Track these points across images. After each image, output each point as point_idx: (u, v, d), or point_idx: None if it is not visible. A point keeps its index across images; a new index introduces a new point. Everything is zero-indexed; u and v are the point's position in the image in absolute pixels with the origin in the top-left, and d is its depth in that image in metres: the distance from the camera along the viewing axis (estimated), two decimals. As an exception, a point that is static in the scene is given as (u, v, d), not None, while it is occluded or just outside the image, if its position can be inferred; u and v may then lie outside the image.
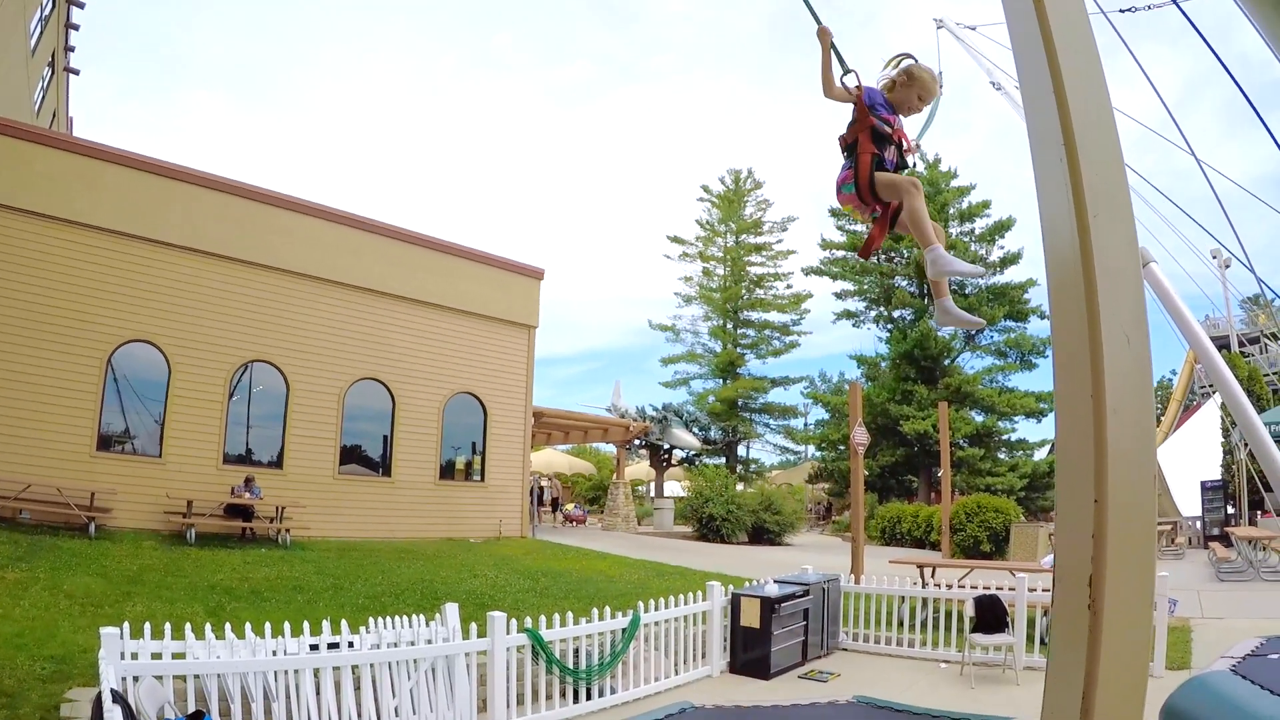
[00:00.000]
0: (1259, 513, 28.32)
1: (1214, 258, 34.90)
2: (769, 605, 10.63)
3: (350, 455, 20.43)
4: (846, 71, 4.63)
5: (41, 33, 22.35)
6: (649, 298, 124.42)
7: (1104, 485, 1.39)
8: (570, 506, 37.05)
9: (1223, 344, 39.64)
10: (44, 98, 25.35)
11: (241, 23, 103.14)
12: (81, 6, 25.05)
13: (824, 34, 4.59)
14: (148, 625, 6.83)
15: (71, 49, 27.10)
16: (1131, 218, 1.48)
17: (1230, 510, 29.33)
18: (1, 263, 15.71)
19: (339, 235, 20.28)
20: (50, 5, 22.55)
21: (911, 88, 4.71)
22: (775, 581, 11.79)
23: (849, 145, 4.70)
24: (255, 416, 19.02)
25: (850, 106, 4.73)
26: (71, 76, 29.28)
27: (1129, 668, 1.41)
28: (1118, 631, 1.39)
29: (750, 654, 10.72)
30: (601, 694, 9.12)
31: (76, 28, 25.90)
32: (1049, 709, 1.52)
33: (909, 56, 4.82)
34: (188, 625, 7.08)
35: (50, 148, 16.85)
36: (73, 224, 16.41)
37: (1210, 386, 34.05)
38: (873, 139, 4.59)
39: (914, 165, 4.98)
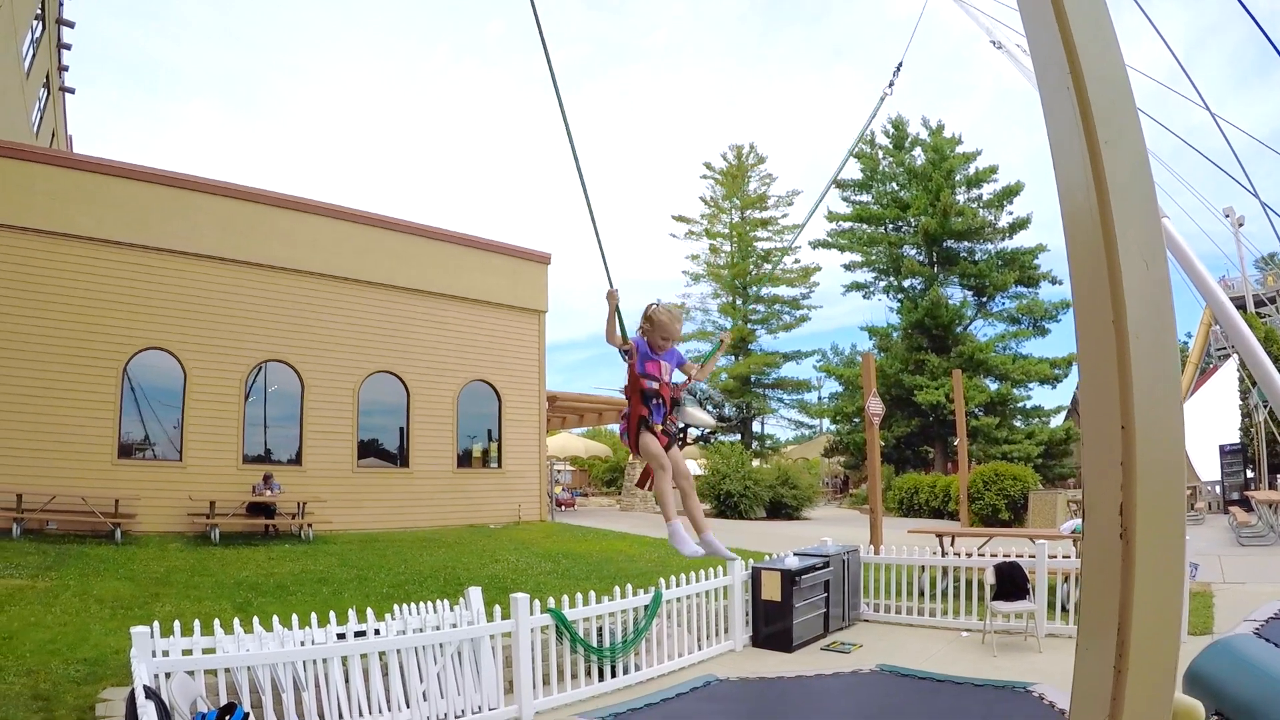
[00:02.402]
0: (1279, 476, 28.13)
1: (1227, 216, 34.64)
2: (789, 578, 10.67)
3: (368, 449, 20.53)
4: (625, 345, 5.30)
5: (34, 54, 22.38)
6: (656, 279, 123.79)
7: (1130, 411, 1.39)
8: (558, 489, 36.75)
9: (1238, 304, 39.23)
10: (42, 118, 25.43)
11: (227, 33, 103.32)
12: (71, 26, 25.08)
13: (611, 297, 5.21)
14: (177, 623, 6.90)
15: (65, 68, 27.15)
16: (1142, 141, 1.46)
17: (1249, 474, 29.13)
18: (14, 282, 15.83)
19: (344, 232, 20.30)
20: (41, 27, 22.58)
21: (654, 331, 5.34)
22: (795, 554, 11.80)
23: (627, 396, 5.45)
24: (272, 416, 19.12)
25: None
26: (67, 95, 29.36)
27: (1164, 596, 1.40)
28: (1152, 558, 1.39)
29: (772, 627, 10.76)
30: (626, 671, 9.18)
31: (69, 47, 25.93)
32: (1084, 644, 1.52)
33: (654, 303, 5.43)
34: (216, 621, 7.15)
35: (52, 166, 16.95)
36: (80, 239, 16.51)
37: (1227, 348, 33.83)
38: (642, 399, 5.31)
39: (679, 424, 5.76)
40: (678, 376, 5.61)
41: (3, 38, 17.94)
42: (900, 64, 7.59)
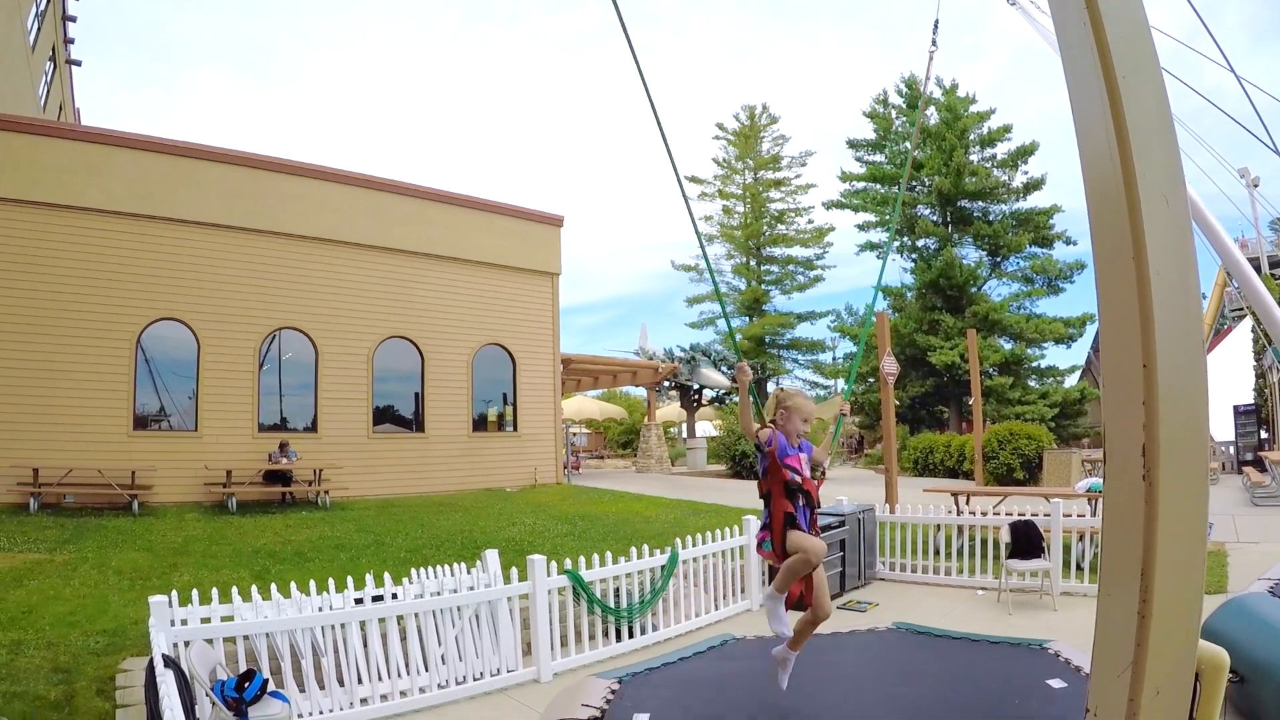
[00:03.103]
0: (1293, 436, 28.05)
1: (1243, 176, 34.29)
2: (806, 538, 10.66)
3: (383, 415, 20.58)
4: (764, 427, 4.89)
5: (40, 27, 22.26)
6: (670, 240, 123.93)
7: (1151, 349, 1.36)
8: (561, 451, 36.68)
9: (1254, 265, 38.80)
10: (49, 92, 25.33)
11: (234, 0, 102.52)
12: (76, -3, 24.97)
13: (743, 374, 4.80)
14: (195, 592, 6.94)
15: (71, 41, 27.02)
16: (1160, 76, 1.43)
17: (1264, 434, 29.06)
18: (25, 256, 15.84)
19: (355, 197, 20.24)
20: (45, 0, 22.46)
21: (791, 418, 4.94)
22: (811, 514, 11.80)
23: (765, 496, 4.94)
24: (287, 384, 19.15)
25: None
26: (74, 68, 29.23)
27: (1188, 539, 1.39)
28: (1174, 500, 1.37)
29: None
30: (644, 631, 9.22)
31: (74, 19, 25.80)
32: (1106, 589, 1.50)
33: (781, 391, 5.14)
34: (234, 589, 7.19)
35: (60, 139, 16.87)
36: (90, 211, 16.49)
37: (1241, 308, 33.64)
38: (786, 493, 4.82)
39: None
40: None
41: (7, 10, 17.85)
42: (936, 21, 7.38)
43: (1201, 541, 1.42)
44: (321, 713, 6.78)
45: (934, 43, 7.06)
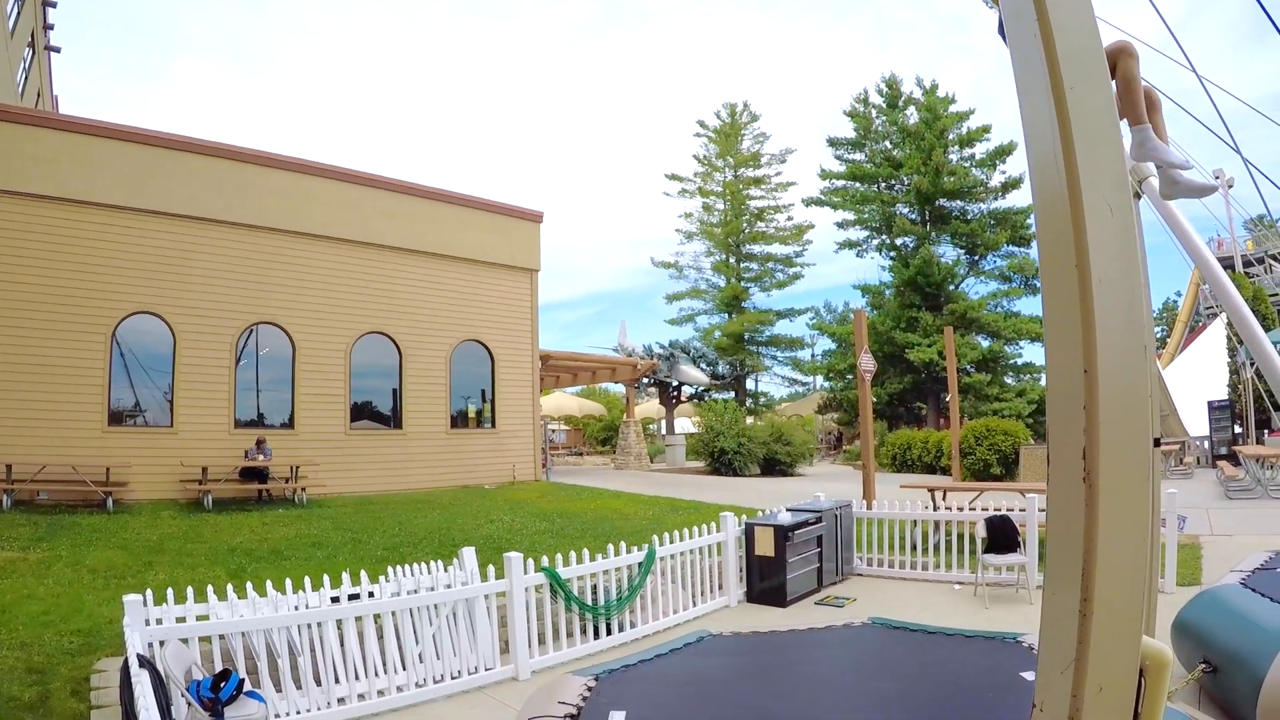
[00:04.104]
0: (1266, 431, 28.45)
1: (1217, 178, 34.78)
2: (783, 534, 10.71)
3: (361, 411, 20.50)
4: None
5: (19, 12, 22.02)
6: (650, 237, 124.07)
7: (1092, 355, 1.39)
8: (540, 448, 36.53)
9: (1227, 264, 39.62)
10: (26, 79, 25.07)
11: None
12: (56, -16, 24.75)
13: None
14: (170, 591, 6.90)
15: (50, 27, 26.77)
16: (1109, 88, 1.47)
17: (1238, 429, 29.48)
18: (1, 248, 15.68)
19: (334, 191, 20.13)
20: (25, -15, 22.26)
21: None
22: (788, 510, 11.87)
23: None
24: (264, 379, 19.01)
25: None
26: (53, 55, 28.97)
27: (1128, 540, 1.42)
28: (1115, 502, 1.40)
29: (766, 582, 10.83)
30: (621, 628, 9.23)
31: (54, 4, 25.56)
32: (1050, 589, 1.53)
33: None
34: (210, 588, 7.16)
35: (38, 127, 16.67)
36: (66, 201, 16.27)
37: (1215, 307, 34.10)
38: None
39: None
40: None
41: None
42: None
43: (1143, 543, 1.45)
44: (298, 713, 6.76)
45: None
